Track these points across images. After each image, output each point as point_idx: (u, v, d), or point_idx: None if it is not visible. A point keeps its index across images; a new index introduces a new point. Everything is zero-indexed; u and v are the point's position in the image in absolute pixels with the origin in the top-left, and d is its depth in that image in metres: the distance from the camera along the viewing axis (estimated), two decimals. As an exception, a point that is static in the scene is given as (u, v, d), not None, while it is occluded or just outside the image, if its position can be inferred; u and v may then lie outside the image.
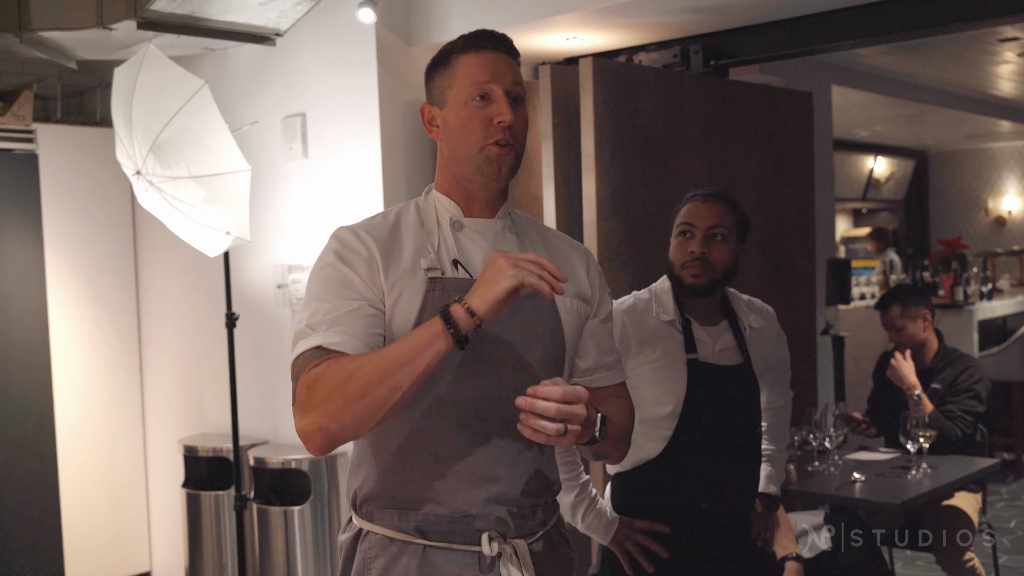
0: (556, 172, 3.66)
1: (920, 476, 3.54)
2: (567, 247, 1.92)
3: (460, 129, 1.75)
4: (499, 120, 1.73)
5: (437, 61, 1.81)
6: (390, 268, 1.71)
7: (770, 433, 2.66)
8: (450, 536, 1.73)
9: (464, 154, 1.75)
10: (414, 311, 1.70)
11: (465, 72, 1.75)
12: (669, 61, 4.03)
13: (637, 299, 2.53)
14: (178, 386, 4.79)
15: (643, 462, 2.46)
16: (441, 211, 1.80)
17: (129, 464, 4.90)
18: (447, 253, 1.76)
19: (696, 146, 3.91)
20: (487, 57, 1.76)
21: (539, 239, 1.88)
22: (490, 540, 1.72)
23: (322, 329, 1.65)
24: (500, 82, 1.75)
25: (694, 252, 2.43)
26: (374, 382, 1.56)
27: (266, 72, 4.27)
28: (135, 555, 4.93)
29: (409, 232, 1.77)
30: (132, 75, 3.56)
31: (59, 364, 4.52)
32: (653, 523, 2.46)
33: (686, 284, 2.46)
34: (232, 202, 3.61)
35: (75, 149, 4.66)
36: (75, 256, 4.69)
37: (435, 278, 1.72)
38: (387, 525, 1.74)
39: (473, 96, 1.74)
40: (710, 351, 2.47)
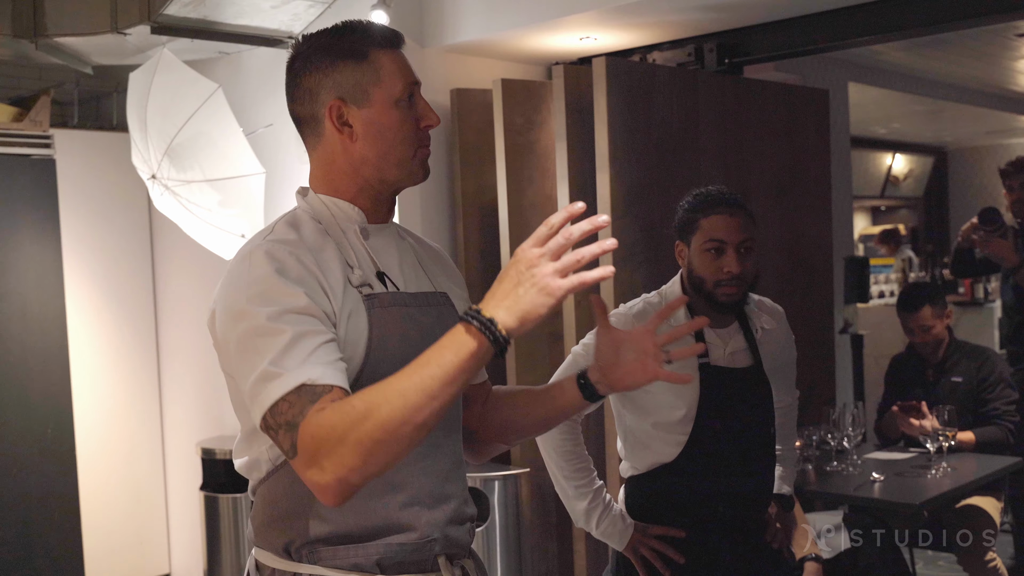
0: (570, 172, 3.65)
1: (940, 476, 3.51)
2: (437, 251, 1.84)
3: (395, 131, 1.62)
4: (426, 123, 1.65)
5: (342, 53, 1.63)
6: (331, 286, 1.55)
7: (779, 433, 2.64)
8: (407, 567, 1.61)
9: (397, 158, 1.62)
10: (363, 334, 1.55)
11: (393, 71, 1.63)
12: (683, 60, 4.01)
13: (647, 304, 2.51)
14: (196, 389, 4.81)
15: (658, 465, 2.45)
16: (342, 218, 1.64)
17: (148, 467, 4.92)
18: (368, 265, 1.63)
19: (711, 145, 3.89)
20: (404, 58, 1.66)
21: (423, 249, 1.80)
22: (447, 563, 1.64)
23: (295, 366, 1.43)
24: (418, 83, 1.67)
25: (731, 272, 2.38)
26: (396, 421, 1.36)
27: (280, 75, 4.25)
28: (154, 557, 4.95)
29: (321, 244, 1.60)
30: (147, 79, 3.58)
31: (78, 368, 4.54)
32: (668, 528, 2.44)
33: (720, 301, 2.41)
34: (247, 205, 3.62)
35: (92, 154, 4.68)
36: (93, 260, 4.71)
37: (370, 295, 1.58)
38: (339, 566, 1.58)
39: (405, 96, 1.63)
40: (722, 354, 2.45)
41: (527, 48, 4.00)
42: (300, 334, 1.46)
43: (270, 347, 1.46)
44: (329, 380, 1.44)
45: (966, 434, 3.83)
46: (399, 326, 1.59)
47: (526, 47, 3.98)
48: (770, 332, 2.54)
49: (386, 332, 1.57)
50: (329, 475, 1.39)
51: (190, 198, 3.60)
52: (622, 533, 2.46)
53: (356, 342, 1.55)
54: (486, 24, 3.78)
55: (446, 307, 1.70)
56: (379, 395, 1.38)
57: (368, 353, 1.55)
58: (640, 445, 2.47)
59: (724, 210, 2.42)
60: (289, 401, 1.43)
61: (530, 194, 3.90)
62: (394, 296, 1.62)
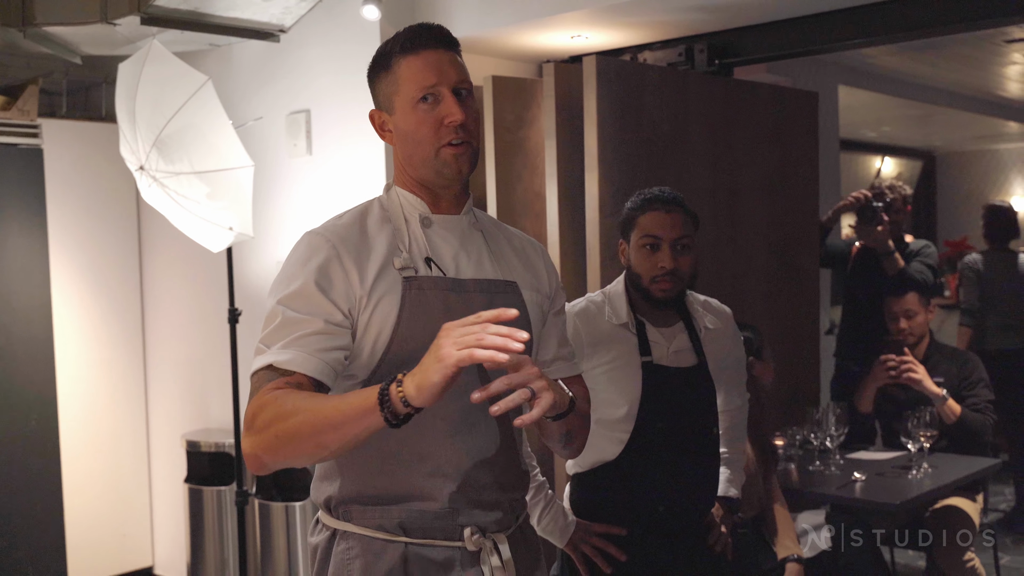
0: (559, 170, 3.66)
1: (921, 476, 3.53)
2: (526, 244, 1.93)
3: (413, 133, 1.73)
4: (449, 120, 1.71)
5: (378, 64, 1.78)
6: (365, 271, 1.68)
7: (727, 436, 2.65)
8: (432, 532, 1.72)
9: (421, 158, 1.74)
10: (393, 313, 1.67)
11: (408, 76, 1.72)
12: (674, 60, 4.02)
13: (590, 302, 2.53)
14: (181, 381, 4.80)
15: (601, 463, 2.46)
16: (407, 207, 1.79)
17: (132, 459, 4.91)
18: (419, 251, 1.75)
19: (700, 146, 3.90)
20: (429, 58, 1.73)
21: (501, 236, 1.89)
22: (472, 535, 1.73)
23: (276, 347, 1.62)
24: (445, 82, 1.72)
25: (665, 267, 2.42)
26: (303, 434, 1.51)
27: (271, 68, 4.28)
28: (137, 550, 4.94)
29: (377, 231, 1.75)
30: (136, 71, 3.57)
31: (63, 359, 4.53)
32: (610, 526, 2.46)
33: (656, 297, 2.45)
34: (235, 198, 3.62)
35: (80, 144, 4.67)
36: (79, 251, 4.70)
37: (410, 277, 1.70)
38: (367, 524, 1.73)
39: (419, 98, 1.72)
40: (665, 353, 2.47)
41: (518, 45, 4.00)
42: (291, 320, 1.63)
43: (268, 326, 1.66)
44: (294, 366, 1.60)
45: (955, 405, 3.85)
46: (431, 307, 1.69)
47: (517, 44, 3.99)
48: (715, 332, 2.55)
49: (416, 312, 1.67)
50: (248, 447, 1.58)
51: (178, 190, 3.59)
52: (563, 530, 2.48)
53: (385, 319, 1.67)
54: (478, 20, 3.78)
55: (506, 295, 1.79)
56: (304, 405, 1.53)
57: (396, 329, 1.67)
58: None
59: (660, 207, 2.46)
60: (259, 375, 1.62)
61: (519, 191, 3.91)
62: (436, 280, 1.72)
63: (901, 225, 4.70)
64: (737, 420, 2.70)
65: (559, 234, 3.66)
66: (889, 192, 4.64)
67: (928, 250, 4.61)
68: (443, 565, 1.73)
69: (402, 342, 1.67)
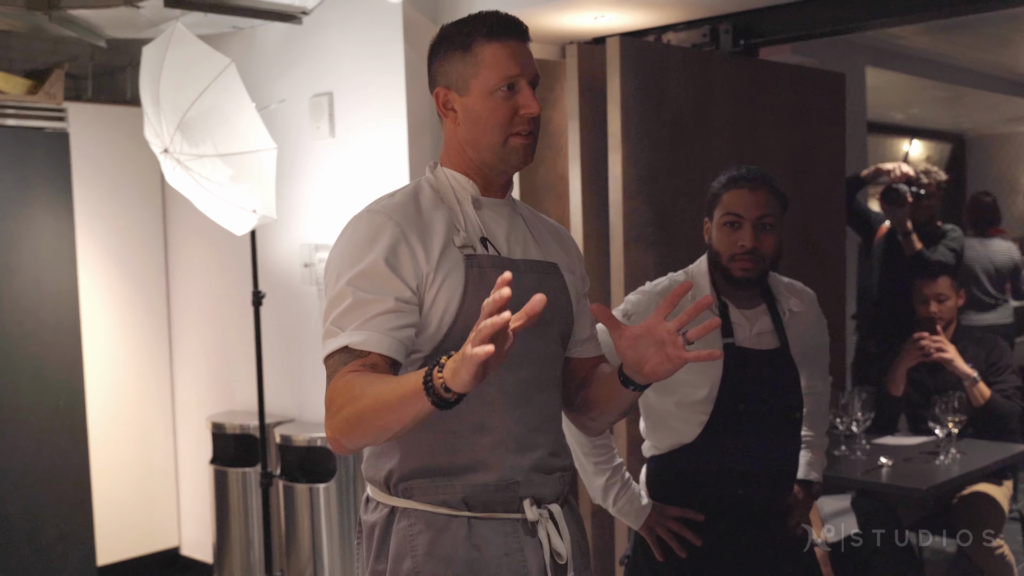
0: (582, 152, 3.64)
1: (949, 462, 3.50)
2: (558, 229, 2.00)
3: (486, 119, 1.76)
4: (526, 112, 1.76)
5: (452, 43, 1.79)
6: (430, 249, 1.72)
7: (809, 419, 2.60)
8: (492, 506, 1.77)
9: (488, 143, 1.77)
10: (459, 290, 1.72)
11: (493, 62, 1.75)
12: (698, 41, 3.98)
13: (672, 281, 2.48)
14: (206, 363, 4.83)
15: (679, 446, 2.43)
16: (459, 189, 1.82)
17: (158, 441, 4.95)
18: (474, 231, 1.79)
19: (724, 127, 3.86)
20: (513, 48, 1.77)
21: (538, 221, 1.95)
22: (531, 505, 1.78)
23: (350, 328, 1.65)
24: (527, 74, 1.77)
25: (745, 246, 2.36)
26: (367, 417, 1.55)
27: (294, 51, 4.27)
28: (164, 530, 4.99)
29: (432, 210, 1.78)
30: (160, 53, 3.58)
31: (89, 341, 4.57)
32: (686, 510, 2.42)
33: (735, 277, 2.40)
34: (258, 180, 3.62)
35: (106, 128, 4.69)
36: (106, 234, 4.73)
37: (471, 255, 1.75)
38: (429, 500, 1.76)
39: (501, 87, 1.75)
40: (747, 335, 2.42)
41: (541, 27, 3.98)
42: (362, 301, 1.66)
43: (337, 307, 1.68)
44: (369, 347, 1.63)
45: (985, 388, 3.81)
46: (492, 285, 1.67)
47: (540, 26, 3.96)
48: (799, 315, 2.50)
49: (479, 289, 1.71)
50: (329, 431, 1.62)
51: (202, 172, 3.60)
52: (639, 512, 2.45)
53: (451, 296, 1.71)
54: (501, 2, 3.75)
55: (551, 276, 1.86)
56: (369, 389, 1.55)
57: (461, 306, 1.71)
58: (662, 424, 2.45)
59: (745, 185, 2.41)
60: (335, 358, 1.65)
61: (542, 173, 3.89)
62: (494, 259, 1.77)
63: (934, 210, 4.65)
64: (820, 404, 2.66)
65: (582, 216, 3.64)
66: (924, 176, 4.60)
67: (954, 234, 4.58)
68: (505, 537, 1.77)
69: (467, 318, 1.70)
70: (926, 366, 3.95)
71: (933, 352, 3.84)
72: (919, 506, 3.86)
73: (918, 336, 3.90)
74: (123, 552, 4.80)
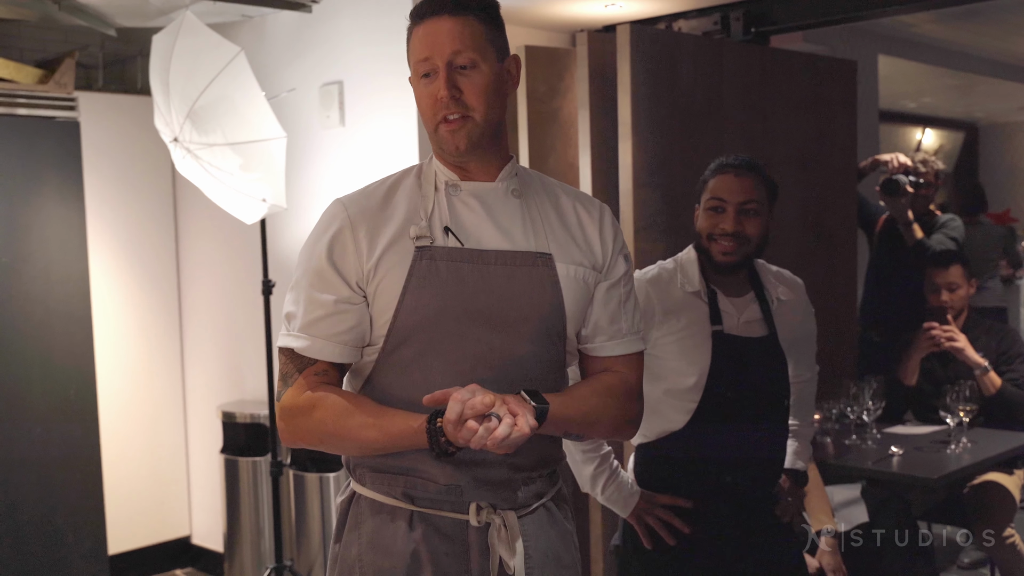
0: (592, 141, 3.63)
1: (960, 451, 3.49)
2: (579, 206, 1.81)
3: (419, 107, 1.73)
4: (438, 96, 1.67)
5: (408, 31, 1.74)
6: (376, 242, 1.68)
7: (795, 407, 2.61)
8: (439, 504, 1.71)
9: (429, 133, 1.73)
10: (400, 283, 1.66)
11: (413, 48, 1.70)
12: (709, 28, 3.96)
13: (662, 269, 2.50)
14: (217, 352, 4.84)
15: (667, 433, 2.44)
16: (439, 176, 1.76)
17: (169, 429, 4.96)
18: (439, 220, 1.71)
19: (735, 115, 3.85)
20: (429, 27, 1.67)
21: (547, 199, 1.79)
22: (478, 510, 1.70)
23: (296, 328, 1.70)
24: (440, 55, 1.66)
25: (726, 229, 2.39)
26: (347, 442, 1.68)
27: (304, 40, 4.27)
28: (175, 519, 5.01)
29: (404, 198, 1.73)
30: (170, 42, 3.57)
31: (100, 330, 4.58)
32: (675, 497, 2.43)
33: (716, 260, 2.42)
34: (268, 169, 3.62)
35: (116, 117, 4.69)
36: (116, 223, 4.73)
37: (423, 247, 1.67)
38: (377, 490, 1.75)
39: (420, 74, 1.69)
40: (735, 323, 2.43)
41: (552, 15, 3.96)
42: (308, 299, 1.70)
43: (294, 300, 1.73)
44: (312, 354, 1.69)
45: (996, 377, 3.80)
46: (441, 278, 1.67)
47: (551, 14, 3.95)
48: (787, 303, 2.51)
49: (424, 284, 1.66)
50: (283, 432, 1.73)
51: (212, 161, 3.60)
52: (627, 500, 2.46)
53: (391, 290, 1.67)
54: (510, -10, 3.75)
55: (532, 267, 1.70)
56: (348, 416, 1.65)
57: (400, 301, 1.66)
58: (650, 411, 2.45)
59: (731, 170, 2.44)
60: (286, 356, 1.72)
61: (552, 162, 3.88)
62: (450, 251, 1.68)
63: (930, 199, 4.64)
64: (806, 393, 2.67)
65: (592, 205, 3.63)
66: (922, 166, 4.59)
67: (953, 223, 4.57)
68: (449, 535, 1.71)
69: (408, 313, 1.66)
70: (937, 355, 3.93)
71: (944, 342, 3.83)
72: (930, 495, 3.84)
73: (928, 326, 3.88)
74: (134, 541, 4.82)
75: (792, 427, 2.61)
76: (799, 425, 2.66)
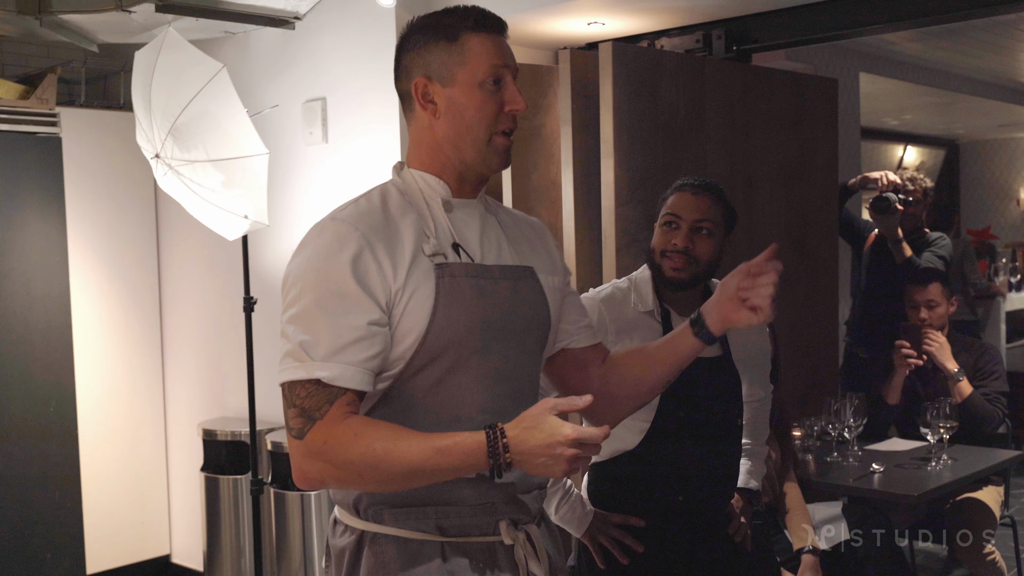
0: (575, 158, 3.64)
1: (940, 468, 3.49)
2: (533, 226, 1.89)
3: (472, 113, 1.68)
4: (512, 108, 1.70)
5: (437, 33, 1.71)
6: (397, 261, 1.62)
7: (749, 427, 2.63)
8: (468, 530, 1.68)
9: (472, 139, 1.69)
10: (429, 303, 1.62)
11: (480, 53, 1.68)
12: (691, 46, 3.98)
13: (616, 288, 2.51)
14: (198, 369, 4.82)
15: (620, 452, 2.44)
16: (428, 192, 1.72)
17: (150, 447, 4.93)
18: (445, 236, 1.69)
19: (717, 133, 3.86)
20: (499, 41, 1.72)
21: (511, 222, 1.85)
22: (507, 528, 1.70)
23: (319, 356, 1.56)
24: (511, 68, 1.72)
25: (677, 245, 2.41)
26: (396, 469, 1.54)
27: (287, 56, 4.27)
28: (155, 538, 4.97)
29: (401, 216, 1.67)
30: (152, 58, 3.57)
31: (81, 347, 4.55)
32: (628, 517, 2.43)
33: (666, 276, 2.43)
34: (250, 186, 3.61)
35: (98, 133, 4.68)
36: (98, 239, 4.71)
37: (442, 264, 1.65)
38: (403, 526, 1.67)
39: (489, 80, 1.68)
40: None
41: (534, 32, 3.98)
42: (332, 325, 1.57)
43: (308, 328, 1.58)
44: (344, 383, 1.56)
45: (967, 387, 3.82)
46: (465, 295, 1.65)
47: (534, 31, 3.96)
48: None
49: (452, 300, 1.63)
50: (316, 472, 1.58)
51: (193, 178, 3.59)
52: (581, 519, 2.46)
53: (420, 309, 1.61)
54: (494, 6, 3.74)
55: (526, 280, 1.76)
56: (395, 450, 1.54)
57: (431, 321, 1.61)
58: None
59: (689, 189, 2.46)
60: (308, 389, 1.57)
61: (535, 179, 3.88)
62: (466, 267, 1.67)
63: (920, 217, 4.67)
64: (760, 412, 2.68)
65: (575, 222, 3.64)
66: (910, 184, 4.62)
67: (942, 242, 4.60)
68: (481, 561, 1.69)
69: (439, 332, 1.62)
70: (918, 373, 3.95)
71: (915, 360, 3.85)
72: (911, 512, 3.85)
73: (899, 344, 3.91)
74: (113, 560, 4.78)
75: (745, 447, 2.62)
76: (752, 444, 2.66)
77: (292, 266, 1.65)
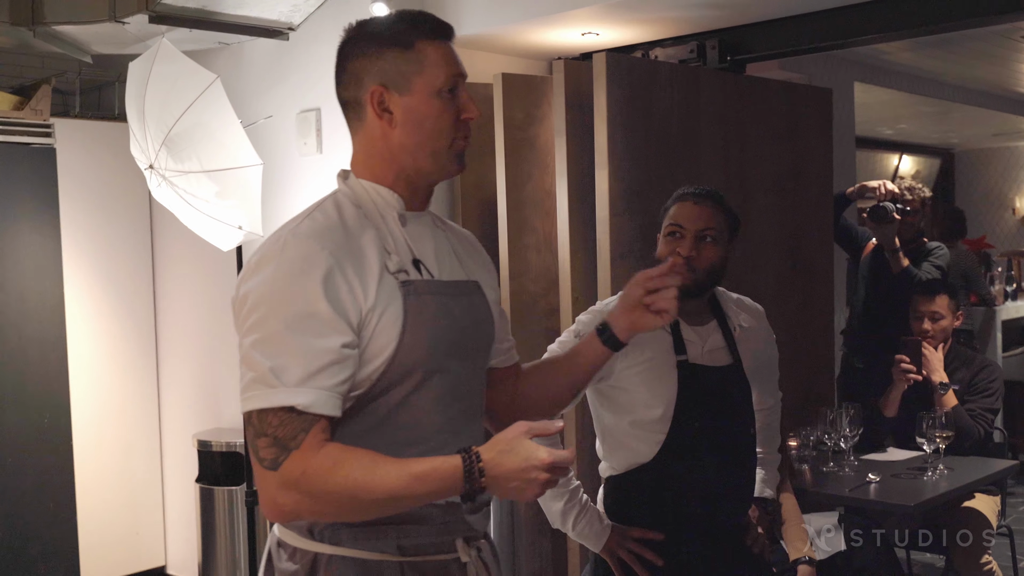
0: (569, 168, 3.63)
1: (936, 477, 3.49)
2: (468, 240, 1.87)
3: (432, 122, 1.64)
4: (468, 116, 1.67)
5: (390, 40, 1.65)
6: (367, 280, 1.57)
7: (761, 435, 2.61)
8: (426, 549, 1.66)
9: (432, 148, 1.65)
10: (398, 323, 1.58)
11: (437, 61, 1.65)
12: (685, 56, 3.99)
13: None
14: (193, 380, 4.81)
15: (636, 466, 2.42)
16: (381, 204, 1.67)
17: (144, 458, 4.92)
18: (404, 252, 1.65)
19: (712, 143, 3.87)
20: (451, 48, 1.69)
21: (454, 236, 1.83)
22: (463, 545, 1.69)
23: (292, 382, 1.50)
24: (464, 76, 1.69)
25: (681, 254, 2.39)
26: (375, 497, 1.50)
27: (281, 67, 4.27)
28: (150, 549, 4.95)
29: (360, 231, 1.61)
30: (145, 69, 3.57)
31: (75, 358, 4.54)
32: (646, 530, 2.41)
33: None
34: (244, 196, 3.61)
35: (93, 143, 4.67)
36: (92, 250, 4.70)
37: (407, 282, 1.61)
38: (362, 547, 1.62)
39: (446, 88, 1.65)
40: (699, 352, 2.42)
41: (528, 42, 3.98)
42: (303, 348, 1.50)
43: (277, 352, 1.51)
44: (318, 409, 1.50)
45: (951, 399, 3.81)
46: (432, 314, 1.63)
47: (527, 41, 3.97)
48: (749, 331, 2.51)
49: (419, 320, 1.59)
50: (291, 505, 1.52)
51: (187, 188, 3.59)
52: (599, 534, 2.44)
53: (390, 330, 1.57)
54: (488, 17, 3.76)
55: (476, 296, 1.75)
56: (373, 476, 1.49)
57: (401, 340, 1.58)
58: (618, 445, 2.45)
59: (691, 198, 2.45)
60: (280, 417, 1.50)
61: (529, 189, 3.88)
62: (429, 284, 1.64)
63: (918, 226, 4.67)
64: (771, 420, 2.67)
65: (569, 232, 3.63)
66: (908, 193, 4.62)
67: (940, 251, 4.60)
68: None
69: (406, 352, 1.59)
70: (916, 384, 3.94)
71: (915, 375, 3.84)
72: (907, 522, 3.84)
73: (899, 359, 3.89)
74: (108, 571, 4.76)
75: (759, 455, 2.61)
76: (765, 453, 2.65)
77: (251, 285, 1.56)
